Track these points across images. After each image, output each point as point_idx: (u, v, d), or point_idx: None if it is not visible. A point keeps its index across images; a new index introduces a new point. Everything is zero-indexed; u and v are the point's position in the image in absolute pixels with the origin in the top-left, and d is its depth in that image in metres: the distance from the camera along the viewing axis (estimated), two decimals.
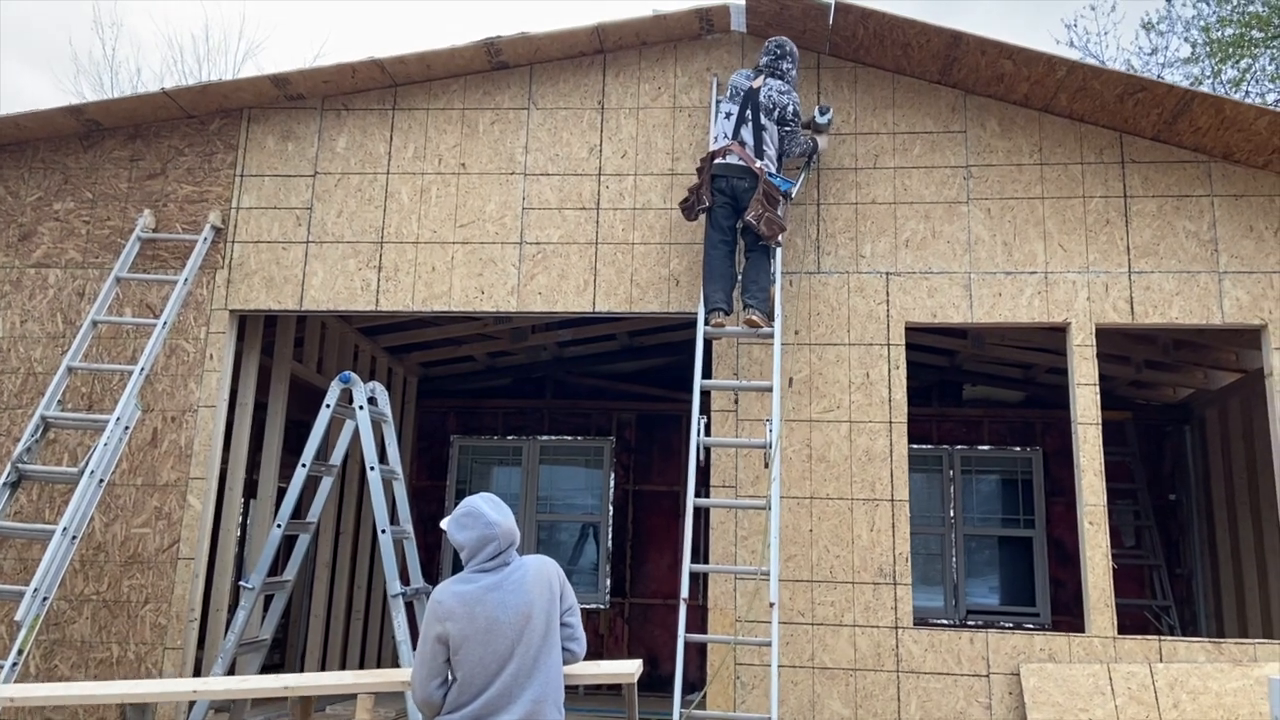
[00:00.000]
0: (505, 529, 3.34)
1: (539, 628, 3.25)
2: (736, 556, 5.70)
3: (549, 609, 3.30)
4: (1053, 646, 5.50)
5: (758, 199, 5.47)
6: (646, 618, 9.93)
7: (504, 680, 3.17)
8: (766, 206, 5.47)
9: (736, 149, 5.61)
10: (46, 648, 5.93)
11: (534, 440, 10.34)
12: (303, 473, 5.59)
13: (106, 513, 6.04)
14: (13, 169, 6.68)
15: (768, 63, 5.93)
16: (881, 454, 5.78)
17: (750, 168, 5.56)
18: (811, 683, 5.54)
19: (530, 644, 3.22)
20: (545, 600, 3.30)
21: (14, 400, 6.26)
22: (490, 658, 3.19)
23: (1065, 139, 6.08)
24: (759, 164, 5.58)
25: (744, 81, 5.85)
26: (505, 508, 3.42)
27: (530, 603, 3.26)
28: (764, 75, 5.85)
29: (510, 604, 3.24)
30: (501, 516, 3.36)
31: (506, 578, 3.29)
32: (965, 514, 9.80)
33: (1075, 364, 5.78)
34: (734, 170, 5.59)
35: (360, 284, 6.31)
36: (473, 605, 3.24)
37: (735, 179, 5.57)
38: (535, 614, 3.25)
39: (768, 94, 5.75)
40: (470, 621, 3.22)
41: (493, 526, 3.32)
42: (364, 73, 6.42)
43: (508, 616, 3.22)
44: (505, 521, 3.36)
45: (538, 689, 3.20)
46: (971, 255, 5.97)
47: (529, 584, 3.29)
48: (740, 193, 5.56)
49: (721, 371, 6.01)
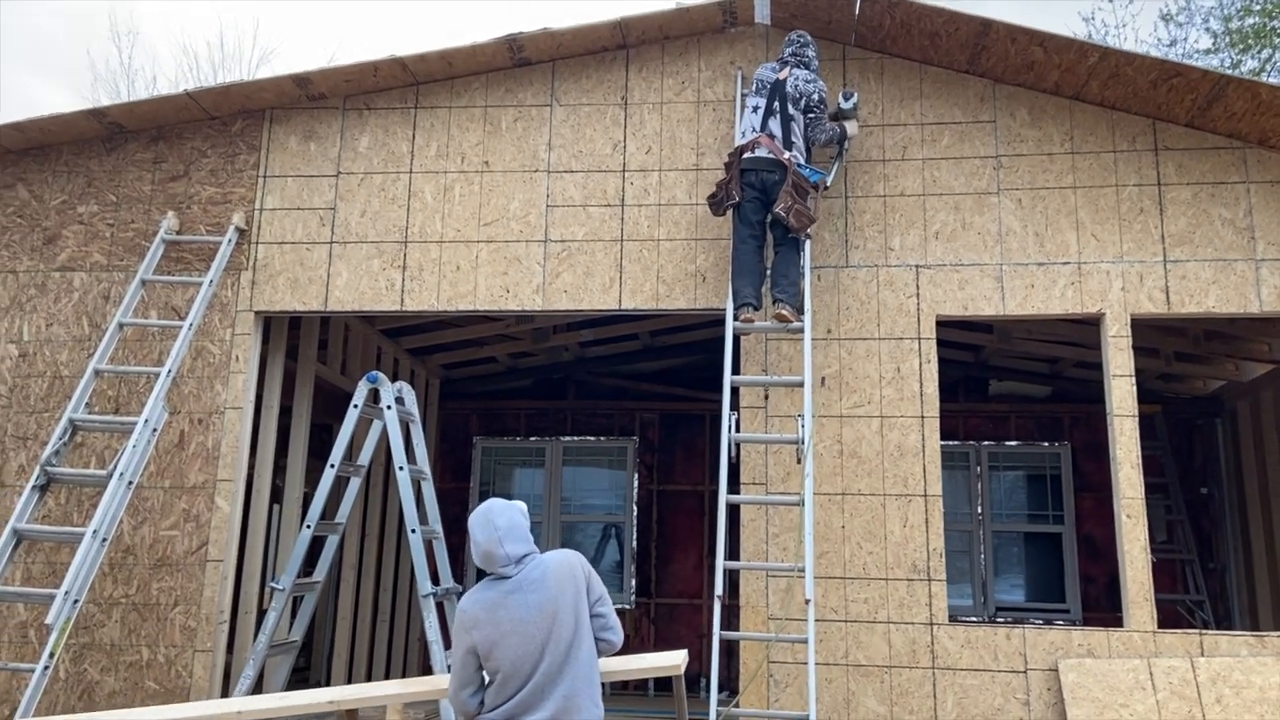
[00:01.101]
0: (507, 530, 3.29)
1: (567, 622, 3.22)
2: (768, 554, 5.63)
3: (576, 602, 3.27)
4: (1091, 642, 5.41)
5: (786, 190, 5.41)
6: (672, 617, 9.87)
7: (536, 679, 3.15)
8: (796, 198, 5.41)
9: (765, 141, 5.55)
10: (76, 651, 5.92)
11: (557, 441, 10.30)
12: (331, 473, 5.57)
13: (135, 515, 6.02)
14: (36, 173, 6.68)
15: (792, 53, 5.87)
16: (914, 449, 5.70)
17: (779, 160, 5.50)
18: (846, 680, 5.47)
19: (560, 639, 3.18)
20: (571, 594, 3.27)
21: (41, 404, 6.26)
22: (521, 659, 3.17)
23: (1097, 127, 5.99)
24: (787, 155, 5.52)
25: (769, 74, 5.79)
26: (513, 510, 3.36)
27: (554, 598, 3.23)
28: (789, 66, 5.79)
29: (533, 603, 3.21)
30: (505, 519, 3.31)
31: (526, 577, 3.27)
32: (992, 510, 9.70)
33: (1110, 356, 5.69)
34: (763, 164, 5.53)
35: (385, 284, 6.28)
36: (495, 610, 3.23)
37: (764, 172, 5.51)
38: (562, 609, 3.22)
39: (794, 84, 5.70)
40: (495, 626, 3.20)
41: (497, 530, 3.29)
42: (386, 71, 6.39)
43: (532, 615, 3.19)
44: (507, 523, 3.30)
45: (569, 682, 3.16)
46: (1003, 246, 5.89)
47: (550, 580, 3.26)
48: (770, 185, 5.50)
49: (750, 368, 5.95)
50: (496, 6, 35.35)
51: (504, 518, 3.34)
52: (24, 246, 6.55)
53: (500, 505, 3.39)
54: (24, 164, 6.71)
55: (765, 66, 5.90)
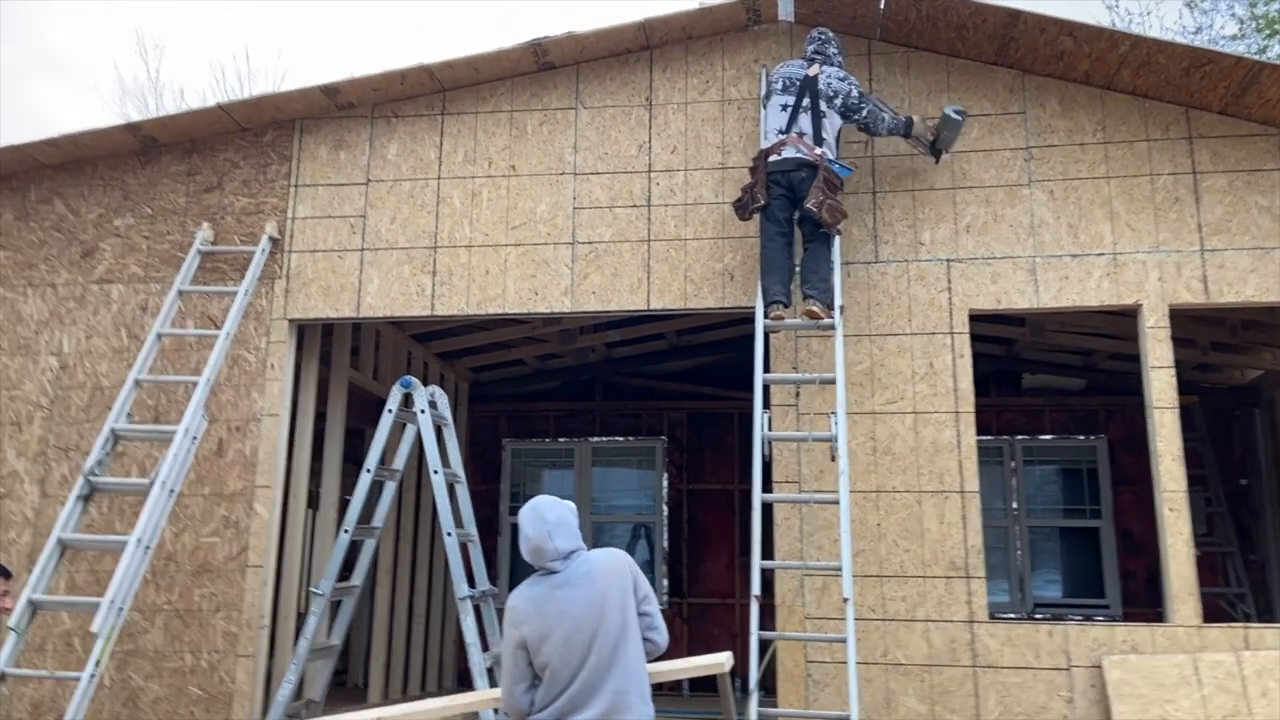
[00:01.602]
0: (535, 544, 3.31)
1: (614, 618, 3.22)
2: (803, 552, 5.62)
3: (623, 599, 3.27)
4: (1135, 638, 5.35)
5: (818, 186, 5.39)
6: (705, 617, 9.87)
7: (585, 675, 3.16)
8: (827, 194, 5.39)
9: (794, 140, 5.53)
10: (121, 658, 6.00)
11: (585, 442, 10.32)
12: (367, 478, 5.62)
13: (176, 523, 6.10)
14: (73, 187, 6.78)
15: (815, 50, 5.84)
16: (949, 445, 5.66)
17: (808, 159, 5.48)
18: (885, 679, 5.44)
19: (608, 635, 3.19)
20: (618, 590, 3.27)
21: (82, 415, 6.35)
22: (569, 653, 3.18)
23: (1129, 116, 5.92)
24: (819, 151, 5.49)
25: (797, 70, 5.75)
26: (548, 519, 3.35)
27: (602, 594, 3.24)
28: (817, 63, 5.76)
29: (580, 598, 3.23)
30: (537, 530, 3.32)
31: (574, 573, 3.29)
32: (1028, 505, 9.61)
33: (1149, 347, 5.63)
34: (790, 164, 5.50)
35: (415, 289, 6.32)
36: (543, 604, 3.25)
37: (792, 171, 5.49)
38: (609, 605, 3.23)
39: (827, 81, 5.66)
40: (543, 620, 3.21)
41: (546, 524, 3.32)
42: (413, 79, 6.43)
43: (579, 610, 3.20)
44: (538, 536, 3.32)
45: (618, 679, 3.17)
46: (1035, 239, 5.84)
47: (597, 576, 3.28)
48: (798, 183, 5.48)
49: (780, 365, 5.93)
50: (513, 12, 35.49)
51: (554, 513, 3.37)
52: (62, 260, 6.65)
53: (550, 501, 3.42)
54: (60, 179, 6.81)
55: (790, 64, 5.87)
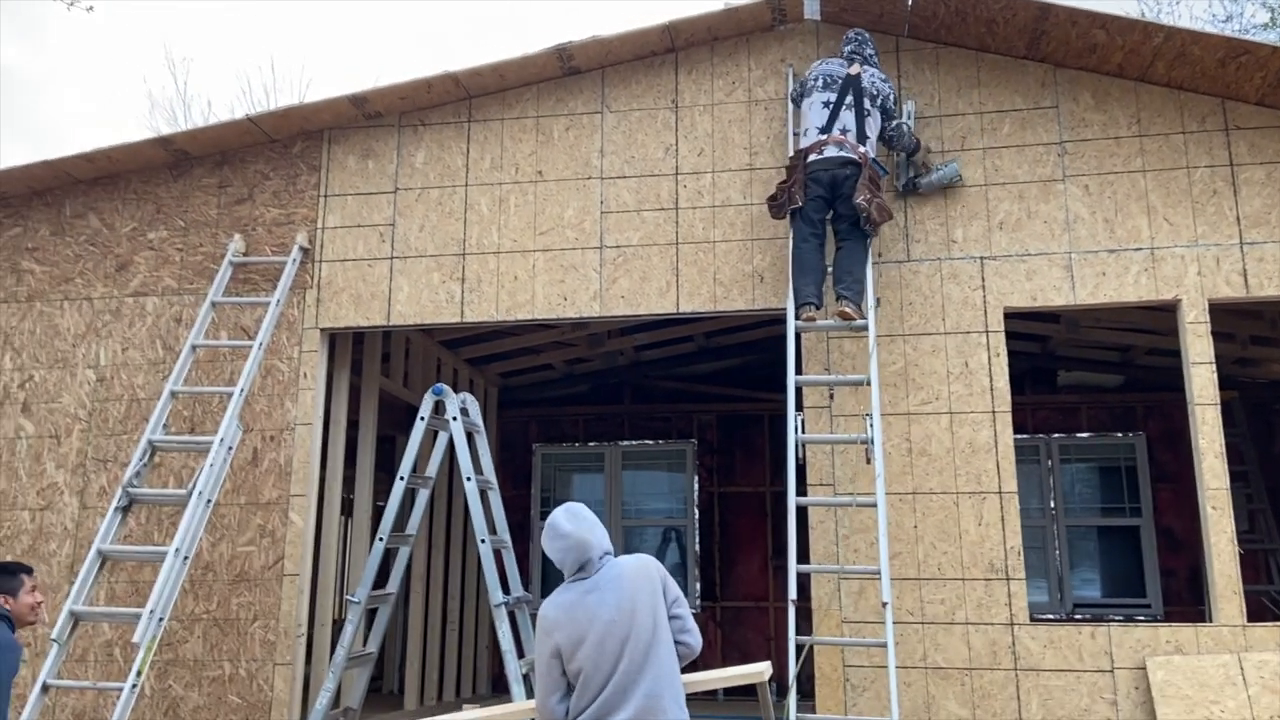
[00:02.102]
0: (579, 538, 3.33)
1: (645, 622, 3.22)
2: (839, 556, 5.57)
3: (653, 602, 3.27)
4: (1179, 638, 5.26)
5: (864, 184, 5.36)
6: (738, 621, 9.82)
7: (617, 678, 3.15)
8: (874, 191, 5.37)
9: (836, 139, 5.48)
10: (160, 668, 6.05)
11: (615, 446, 10.31)
12: (401, 485, 5.63)
13: (213, 532, 6.14)
14: (107, 201, 6.86)
15: (853, 50, 5.80)
16: (985, 445, 5.59)
17: (853, 155, 5.44)
18: (925, 683, 5.38)
19: (639, 639, 3.19)
20: (648, 594, 3.27)
21: (119, 426, 6.42)
22: (602, 658, 3.17)
23: (1164, 108, 5.83)
24: (862, 149, 5.46)
25: (838, 69, 5.69)
26: (586, 516, 3.41)
27: (632, 597, 3.24)
28: (856, 62, 5.71)
29: (610, 602, 3.23)
30: (576, 526, 3.35)
31: (602, 578, 3.30)
32: (1065, 504, 9.49)
33: (1189, 342, 5.53)
34: (833, 162, 5.46)
35: (445, 296, 6.33)
36: (574, 610, 3.25)
37: (835, 170, 5.45)
38: (639, 608, 3.23)
39: (870, 80, 5.63)
40: (575, 626, 3.21)
41: (568, 537, 3.33)
42: (439, 87, 6.45)
43: (610, 614, 3.20)
44: (579, 531, 3.34)
45: (650, 683, 3.15)
46: (1071, 234, 5.76)
47: (626, 580, 3.28)
48: (841, 181, 5.44)
49: (812, 367, 5.89)
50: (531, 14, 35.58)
51: (583, 521, 3.39)
52: (98, 274, 6.73)
53: (580, 505, 3.45)
54: (94, 193, 6.89)
55: (828, 62, 5.80)
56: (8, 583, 3.98)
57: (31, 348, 6.66)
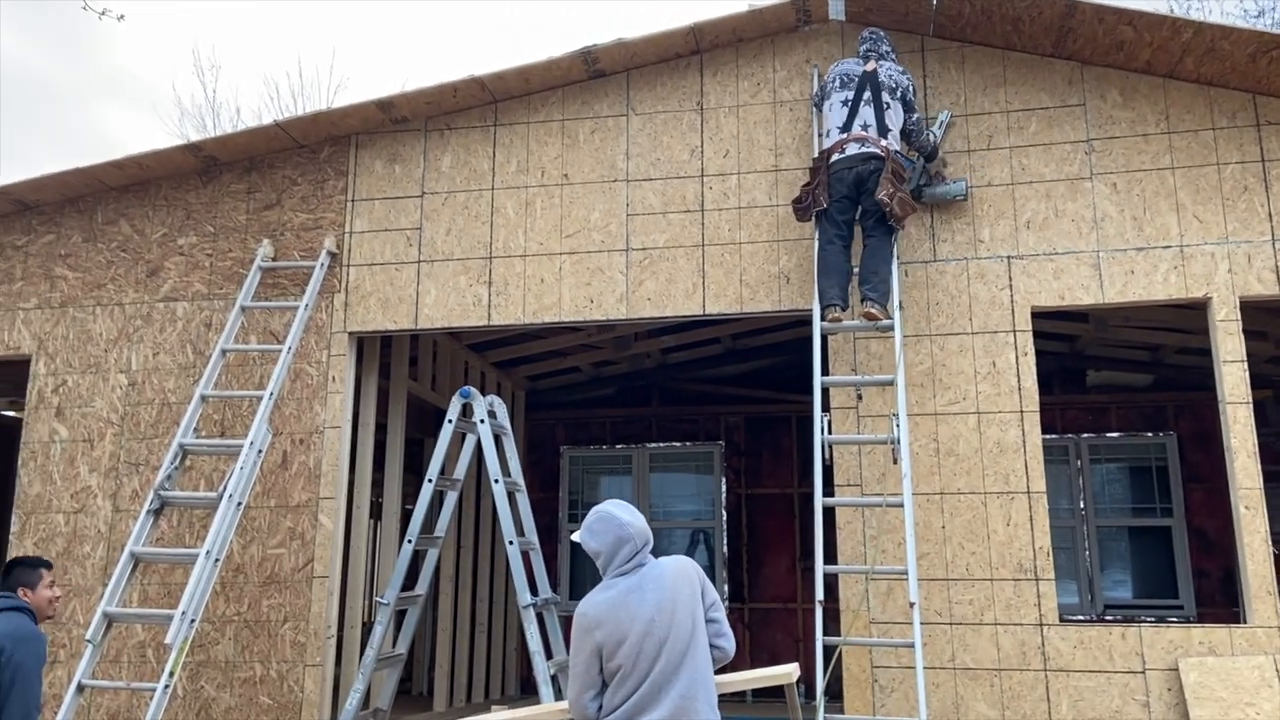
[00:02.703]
0: (639, 529, 3.35)
1: (684, 623, 3.23)
2: (866, 556, 5.55)
3: (692, 604, 3.28)
4: (1212, 639, 5.20)
5: (887, 178, 5.33)
6: (766, 622, 9.80)
7: (653, 678, 3.16)
8: (896, 185, 5.35)
9: (857, 136, 5.46)
10: (192, 669, 6.12)
11: (643, 448, 10.32)
12: (429, 488, 5.67)
13: (243, 535, 6.22)
14: (138, 208, 6.96)
15: (869, 49, 5.79)
16: (1014, 445, 5.56)
17: (874, 151, 5.42)
18: (954, 684, 5.35)
19: (677, 639, 3.20)
20: (688, 595, 3.28)
21: (150, 430, 6.51)
22: (641, 657, 3.19)
23: (1194, 105, 5.77)
24: (884, 142, 5.45)
25: (854, 67, 5.68)
26: (636, 510, 3.43)
27: (673, 598, 3.24)
28: (873, 59, 5.70)
29: (651, 601, 3.23)
30: (633, 518, 3.36)
31: (644, 577, 3.29)
32: (1095, 504, 9.39)
33: (1220, 341, 5.47)
34: (856, 160, 5.45)
35: (472, 300, 6.37)
36: (616, 609, 3.24)
37: (858, 167, 5.43)
38: (679, 609, 3.24)
39: (888, 73, 5.63)
40: (617, 625, 3.22)
41: (626, 527, 3.32)
42: (465, 91, 6.50)
43: (650, 614, 3.21)
44: (637, 522, 3.36)
45: (685, 684, 3.16)
46: (1099, 233, 5.71)
47: (668, 580, 3.28)
48: (866, 177, 5.42)
49: (839, 368, 5.87)
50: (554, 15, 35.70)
51: (637, 515, 3.40)
52: (129, 279, 6.83)
53: (625, 510, 3.42)
54: (125, 200, 6.99)
55: (844, 63, 5.81)
56: (27, 576, 4.12)
57: (65, 353, 6.77)
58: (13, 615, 3.91)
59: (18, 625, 3.87)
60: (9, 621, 3.86)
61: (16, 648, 3.76)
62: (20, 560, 4.23)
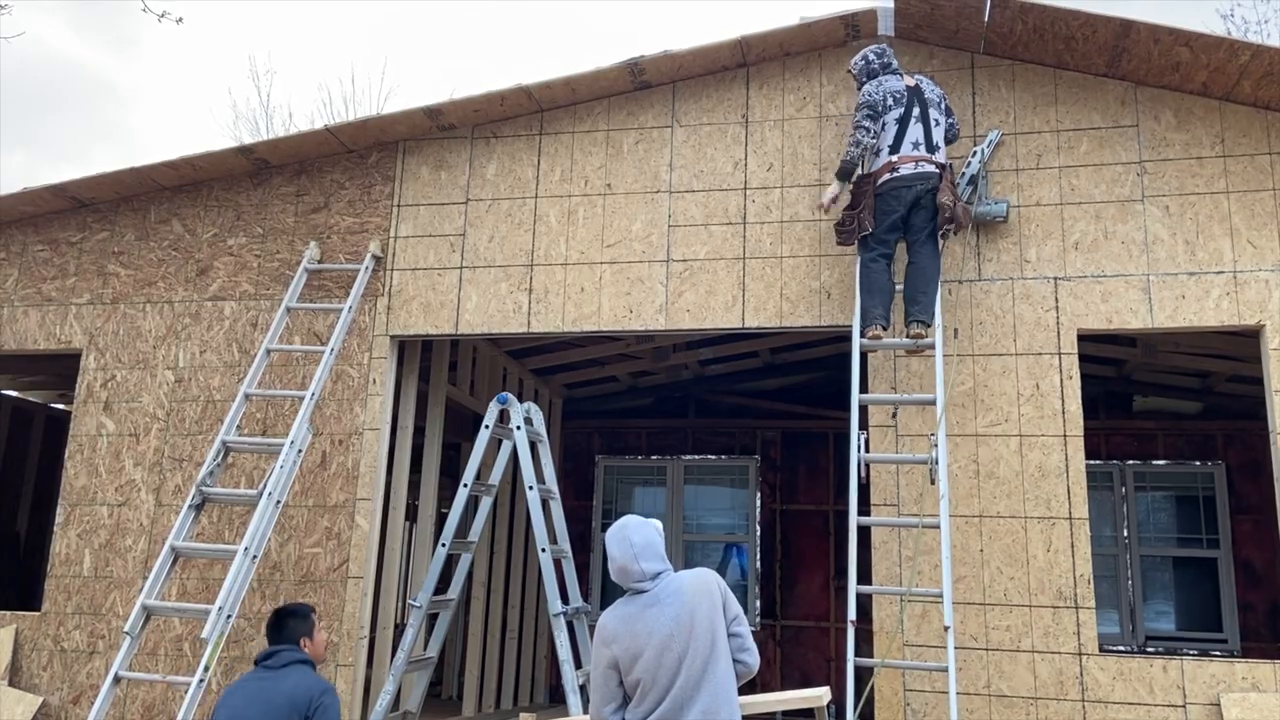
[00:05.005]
0: (643, 547, 3.33)
1: (703, 637, 3.20)
2: (901, 578, 5.48)
3: (712, 618, 3.25)
4: (1256, 675, 5.06)
5: (946, 185, 5.36)
6: (798, 640, 9.71)
7: (675, 693, 3.14)
8: (955, 195, 5.36)
9: (910, 156, 5.41)
10: (228, 664, 6.20)
11: (678, 460, 10.30)
12: (464, 492, 5.70)
13: (281, 533, 6.29)
14: (190, 208, 7.09)
15: (886, 62, 5.72)
16: (1056, 469, 5.46)
17: (930, 169, 5.41)
18: (988, 711, 5.25)
19: (696, 654, 3.17)
20: (707, 609, 3.25)
21: (195, 427, 6.61)
22: (660, 672, 3.17)
23: (1250, 128, 5.65)
24: (937, 158, 5.46)
25: (897, 83, 5.61)
26: (648, 527, 3.41)
27: (691, 613, 3.22)
28: (906, 73, 5.70)
29: (669, 615, 3.22)
30: (640, 536, 3.35)
31: (663, 591, 3.28)
32: (1139, 533, 9.20)
33: (1272, 370, 5.34)
34: (912, 179, 5.40)
35: (512, 306, 6.40)
36: (633, 623, 3.24)
37: (917, 185, 5.40)
38: (698, 624, 3.21)
39: (930, 88, 5.62)
40: (634, 639, 3.21)
41: (632, 547, 3.33)
42: (512, 100, 6.55)
43: (668, 628, 3.19)
44: (643, 540, 3.34)
45: (706, 700, 3.13)
46: (1149, 256, 5.61)
47: (686, 594, 3.27)
48: (920, 195, 5.40)
49: (878, 386, 5.82)
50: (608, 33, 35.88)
51: (640, 534, 3.37)
52: (179, 278, 6.95)
53: (636, 522, 3.43)
54: (178, 200, 7.13)
55: (888, 79, 5.67)
56: (305, 626, 3.94)
57: (114, 348, 6.90)
58: (307, 669, 3.80)
59: (318, 679, 3.77)
60: (309, 674, 3.77)
61: (324, 695, 3.68)
62: (289, 610, 4.02)
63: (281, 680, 3.70)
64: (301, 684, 3.70)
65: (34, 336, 7.09)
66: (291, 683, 3.70)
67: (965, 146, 5.94)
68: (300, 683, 3.70)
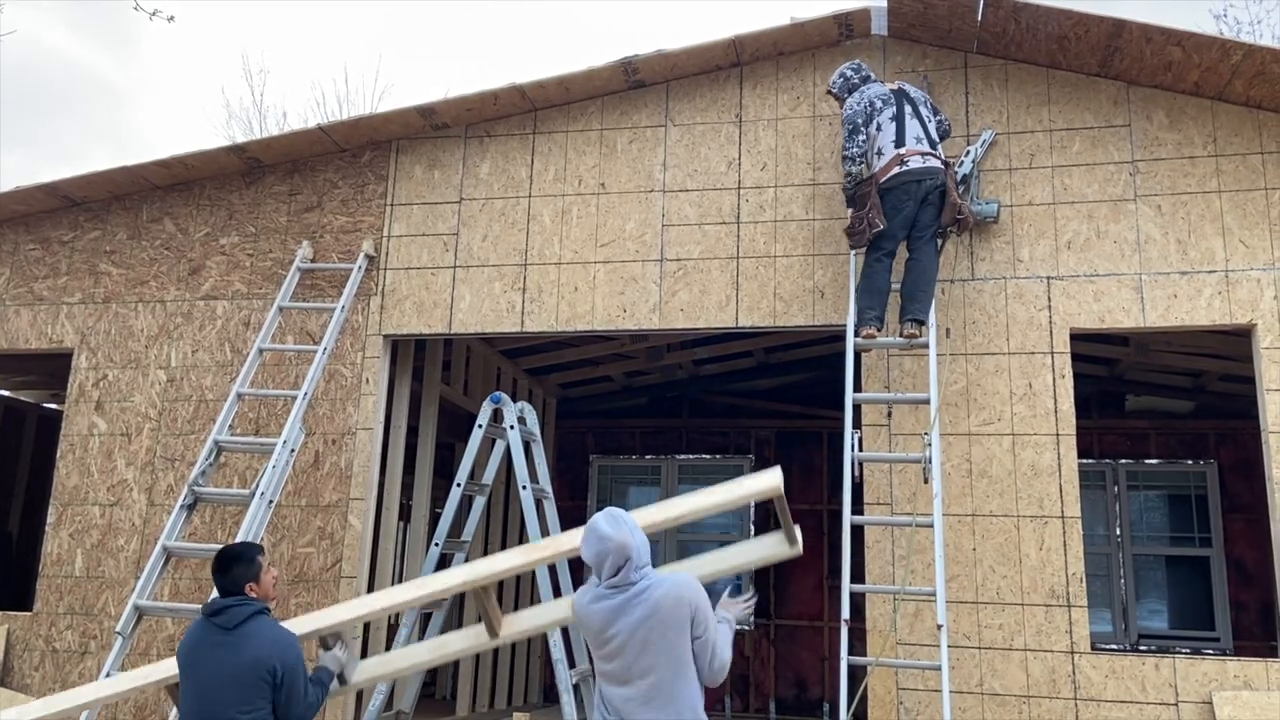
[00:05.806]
0: (618, 544, 3.15)
1: (666, 649, 3.10)
2: (894, 576, 5.49)
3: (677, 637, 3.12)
4: (1248, 673, 5.08)
5: (952, 186, 5.37)
6: (793, 639, 9.72)
7: (627, 706, 3.12)
8: (959, 194, 5.37)
9: (916, 150, 5.40)
10: None
11: (672, 459, 10.30)
12: (458, 492, 5.69)
13: (274, 533, 6.27)
14: (182, 207, 7.07)
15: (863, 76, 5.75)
16: (1049, 468, 5.48)
17: (937, 165, 5.42)
18: (981, 709, 5.26)
19: (649, 669, 3.10)
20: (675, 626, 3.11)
21: (187, 426, 6.59)
22: (611, 678, 3.18)
23: (1242, 128, 5.67)
24: (938, 152, 5.48)
25: (882, 89, 5.62)
26: (625, 522, 3.22)
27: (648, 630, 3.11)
28: (879, 82, 5.73)
29: (626, 628, 3.12)
30: (615, 531, 3.17)
31: (630, 600, 3.14)
32: (1132, 532, 9.22)
33: (1263, 369, 5.36)
34: (922, 173, 5.39)
35: (506, 306, 6.40)
36: (595, 620, 3.21)
37: (926, 180, 5.39)
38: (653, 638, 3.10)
39: (914, 90, 5.67)
40: (594, 635, 3.22)
41: (605, 541, 3.16)
42: (505, 99, 6.54)
43: (623, 640, 3.13)
44: (618, 536, 3.16)
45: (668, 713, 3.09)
46: (1141, 255, 5.62)
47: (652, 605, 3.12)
48: (930, 190, 5.40)
49: (871, 385, 5.82)
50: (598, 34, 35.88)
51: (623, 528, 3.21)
52: (171, 277, 6.94)
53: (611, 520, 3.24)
54: (170, 199, 7.11)
55: (871, 86, 5.65)
56: (252, 571, 3.70)
57: (106, 348, 6.88)
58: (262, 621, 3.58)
59: (274, 634, 3.57)
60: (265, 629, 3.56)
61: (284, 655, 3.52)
62: (234, 554, 3.75)
63: (243, 643, 3.51)
64: (263, 647, 3.50)
65: (25, 336, 7.06)
66: (254, 645, 3.50)
67: (958, 146, 5.95)
68: (262, 645, 3.51)
